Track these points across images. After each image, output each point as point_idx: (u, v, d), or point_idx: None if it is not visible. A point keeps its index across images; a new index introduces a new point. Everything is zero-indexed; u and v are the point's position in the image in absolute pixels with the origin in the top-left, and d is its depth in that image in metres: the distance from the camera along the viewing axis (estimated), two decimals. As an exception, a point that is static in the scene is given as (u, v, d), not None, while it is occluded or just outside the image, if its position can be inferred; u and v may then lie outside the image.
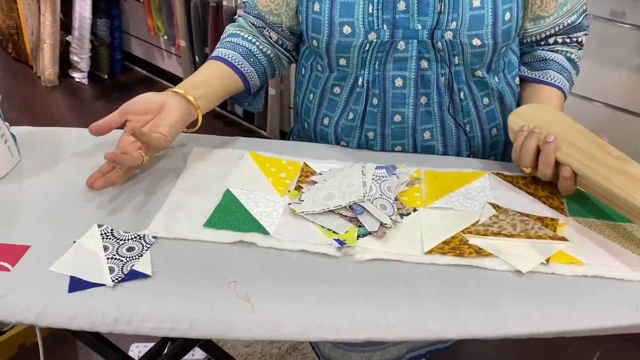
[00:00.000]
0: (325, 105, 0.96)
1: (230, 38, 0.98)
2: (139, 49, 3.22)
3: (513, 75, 0.96)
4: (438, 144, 0.93)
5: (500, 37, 0.85)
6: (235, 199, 0.80)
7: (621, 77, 1.54)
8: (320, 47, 0.89)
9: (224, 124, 2.79)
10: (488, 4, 0.83)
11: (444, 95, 0.89)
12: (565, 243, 0.72)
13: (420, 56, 0.86)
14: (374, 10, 0.84)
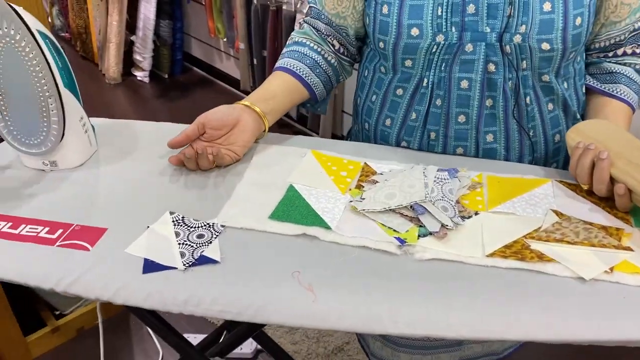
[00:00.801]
0: (387, 107, 0.98)
1: (297, 47, 1.00)
2: (199, 50, 3.32)
3: (582, 84, 0.96)
4: (500, 147, 0.93)
5: (570, 43, 0.85)
6: (298, 194, 0.82)
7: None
8: (387, 49, 0.90)
9: (278, 125, 2.82)
10: (559, 8, 0.83)
11: (509, 100, 0.89)
12: (631, 253, 0.71)
13: (487, 59, 0.87)
14: (442, 13, 0.85)
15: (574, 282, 0.68)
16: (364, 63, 1.03)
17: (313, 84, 0.99)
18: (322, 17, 0.98)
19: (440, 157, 0.94)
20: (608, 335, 0.62)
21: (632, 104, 0.94)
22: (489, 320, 0.64)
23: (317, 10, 0.98)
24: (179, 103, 3.10)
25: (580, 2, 0.84)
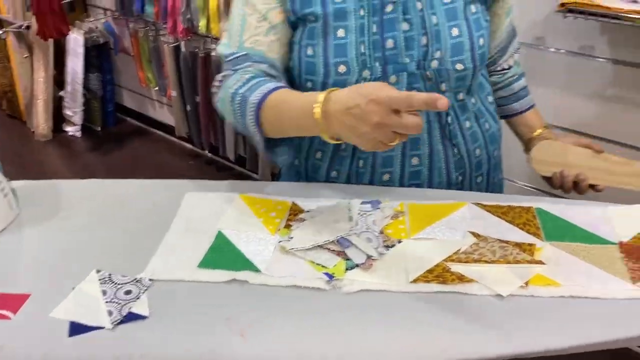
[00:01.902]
0: (317, 140, 1.01)
1: (261, 77, 0.90)
2: (131, 100, 3.30)
3: (486, 94, 1.04)
4: (425, 168, 0.98)
5: (478, 61, 0.93)
6: (227, 240, 0.83)
7: (595, 107, 1.61)
8: (316, 88, 0.93)
9: (217, 169, 2.84)
10: (465, 33, 0.92)
11: (433, 122, 0.95)
12: (543, 266, 0.76)
13: (410, 87, 0.92)
14: (365, 50, 0.90)
15: (493, 300, 0.72)
16: None
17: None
18: (267, 60, 0.93)
19: (365, 190, 0.97)
20: (524, 348, 0.66)
21: (533, 103, 1.15)
22: (417, 345, 0.66)
23: (259, 53, 0.93)
24: (114, 155, 3.05)
25: (480, 25, 0.94)
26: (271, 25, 0.93)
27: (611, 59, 1.53)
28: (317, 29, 0.91)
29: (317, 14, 0.90)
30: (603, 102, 1.59)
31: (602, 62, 1.55)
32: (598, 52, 1.55)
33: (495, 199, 0.92)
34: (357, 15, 0.90)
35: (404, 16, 0.90)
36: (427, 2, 0.90)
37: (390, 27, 0.90)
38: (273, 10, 0.92)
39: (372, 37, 0.90)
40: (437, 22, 0.90)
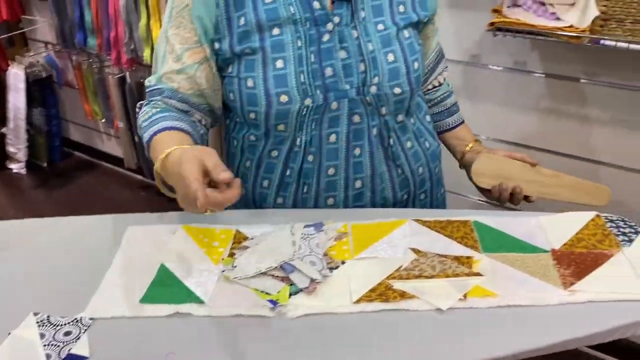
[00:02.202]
0: (263, 169, 1.01)
1: (167, 113, 0.93)
2: (78, 133, 3.23)
3: (423, 114, 1.08)
4: (367, 190, 1.00)
5: (414, 84, 0.97)
6: (170, 273, 0.82)
7: (531, 119, 1.67)
8: (259, 119, 0.94)
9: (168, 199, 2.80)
10: (400, 58, 0.95)
11: (374, 145, 0.97)
12: (480, 278, 0.78)
13: (351, 112, 0.95)
14: (305, 79, 0.92)
15: (434, 314, 0.74)
16: (230, 135, 1.06)
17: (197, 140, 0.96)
18: (178, 96, 0.97)
19: (308, 213, 0.98)
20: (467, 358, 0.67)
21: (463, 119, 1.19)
22: (360, 365, 0.67)
23: (170, 90, 0.97)
24: (62, 191, 2.97)
25: (414, 50, 0.97)
26: (185, 65, 0.95)
27: (543, 73, 1.60)
28: (256, 61, 0.92)
29: (255, 48, 0.92)
30: (538, 114, 1.66)
31: (535, 77, 1.62)
32: (530, 67, 1.62)
33: (435, 214, 0.94)
34: (295, 46, 0.92)
35: (341, 45, 0.93)
36: (363, 30, 0.93)
37: (328, 56, 0.92)
38: (189, 51, 0.94)
39: (311, 67, 0.92)
40: (373, 49, 0.93)
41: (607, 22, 1.24)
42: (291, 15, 0.91)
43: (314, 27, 0.92)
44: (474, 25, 1.62)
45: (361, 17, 0.94)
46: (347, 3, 0.93)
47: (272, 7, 0.91)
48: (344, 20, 0.93)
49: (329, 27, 0.92)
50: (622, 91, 1.48)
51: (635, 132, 1.51)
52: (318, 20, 0.92)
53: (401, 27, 0.96)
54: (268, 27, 0.91)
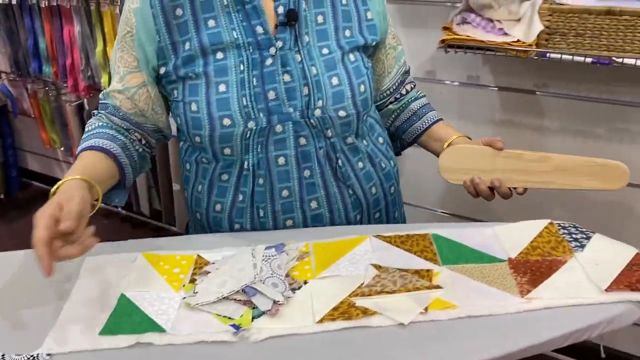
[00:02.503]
0: (215, 193, 1.01)
1: (104, 130, 0.99)
2: (36, 163, 3.15)
3: (376, 136, 1.08)
4: (325, 211, 1.00)
5: (360, 107, 0.98)
6: (130, 302, 0.81)
7: (487, 131, 1.72)
8: (204, 142, 0.95)
9: (132, 226, 2.76)
10: (345, 81, 0.96)
11: (324, 166, 0.98)
12: (440, 290, 0.80)
13: (297, 135, 0.95)
14: (248, 102, 0.93)
15: (396, 329, 0.75)
16: (183, 158, 1.06)
17: (124, 166, 0.99)
18: (119, 114, 1.01)
19: (270, 235, 0.98)
20: (429, 372, 0.68)
21: (439, 117, 1.15)
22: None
23: (114, 107, 1.01)
24: (21, 223, 2.88)
25: (360, 73, 0.98)
26: (126, 87, 0.99)
27: (496, 86, 1.65)
28: (199, 86, 0.93)
29: (198, 72, 0.93)
30: (493, 126, 1.70)
31: (489, 90, 1.66)
32: (483, 81, 1.67)
33: (395, 229, 0.96)
34: (238, 70, 0.93)
35: (284, 68, 0.94)
36: (306, 54, 0.95)
37: (271, 80, 0.93)
38: (130, 74, 0.98)
39: (254, 90, 0.93)
40: (317, 73, 0.94)
41: (551, 36, 1.29)
42: (234, 39, 0.93)
43: (257, 51, 0.93)
44: (426, 42, 1.66)
45: (305, 42, 0.95)
46: (290, 28, 0.94)
47: (215, 31, 0.93)
48: (287, 45, 0.94)
49: (272, 52, 0.93)
50: (570, 101, 1.54)
51: (585, 140, 1.57)
52: (261, 44, 0.93)
53: (347, 51, 0.97)
54: (212, 52, 0.93)
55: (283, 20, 0.94)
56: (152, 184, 2.53)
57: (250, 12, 0.93)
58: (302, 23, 0.95)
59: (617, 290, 0.78)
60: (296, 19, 0.94)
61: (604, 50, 1.25)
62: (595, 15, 1.22)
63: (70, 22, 2.33)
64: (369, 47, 1.02)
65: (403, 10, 1.67)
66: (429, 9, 1.62)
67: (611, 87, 1.46)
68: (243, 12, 0.94)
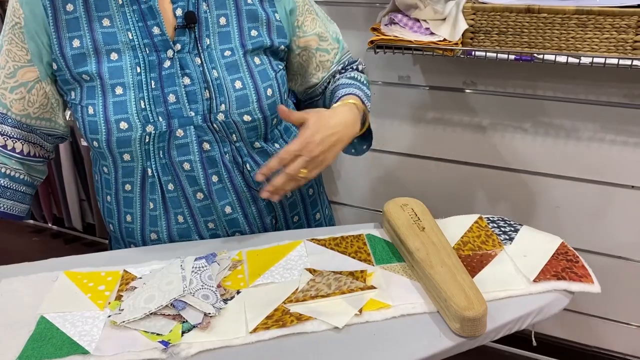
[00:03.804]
0: (122, 204, 0.98)
1: None
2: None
3: (293, 137, 1.04)
4: (240, 215, 0.98)
5: (267, 111, 0.94)
6: (50, 325, 0.76)
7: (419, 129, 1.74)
8: (102, 147, 0.91)
9: (65, 241, 2.63)
10: (249, 85, 0.92)
11: (232, 170, 0.95)
12: (374, 291, 0.79)
13: (200, 139, 0.92)
14: (146, 105, 0.89)
15: (331, 334, 0.73)
16: (93, 169, 1.02)
17: (8, 209, 0.97)
18: (8, 121, 0.94)
19: (200, 245, 0.95)
20: (365, 375, 0.67)
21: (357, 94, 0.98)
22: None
23: (2, 114, 0.93)
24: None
25: (267, 76, 0.94)
26: (19, 84, 0.92)
27: (426, 85, 1.67)
28: (95, 88, 0.89)
29: (92, 73, 0.88)
30: (426, 125, 1.73)
31: (420, 89, 1.69)
32: (414, 81, 1.69)
33: (331, 232, 0.95)
34: (134, 72, 0.89)
35: (183, 71, 0.90)
36: (207, 57, 0.91)
37: (170, 82, 0.90)
38: (22, 69, 0.91)
39: (152, 93, 0.89)
40: (218, 76, 0.91)
41: (475, 34, 1.32)
42: (129, 40, 0.89)
43: (154, 52, 0.90)
44: (357, 43, 1.67)
45: (205, 45, 0.91)
46: (189, 30, 0.90)
47: (109, 31, 0.89)
48: (187, 48, 0.91)
49: (169, 54, 0.90)
50: (498, 97, 1.58)
51: (514, 135, 1.61)
52: (158, 46, 0.90)
53: (251, 53, 0.94)
54: (105, 52, 0.89)
55: (181, 23, 0.90)
56: (84, 197, 2.43)
57: (146, 13, 0.89)
58: (202, 25, 0.91)
59: (544, 280, 0.80)
60: (195, 22, 0.90)
61: (526, 47, 1.29)
62: (516, 13, 1.26)
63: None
64: (278, 50, 0.98)
65: (332, 11, 1.67)
66: (358, 10, 1.63)
67: (534, 82, 1.51)
68: (139, 12, 0.89)
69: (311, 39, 1.02)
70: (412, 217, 0.90)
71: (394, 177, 1.84)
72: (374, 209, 1.90)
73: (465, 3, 1.31)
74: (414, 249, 0.83)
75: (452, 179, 1.74)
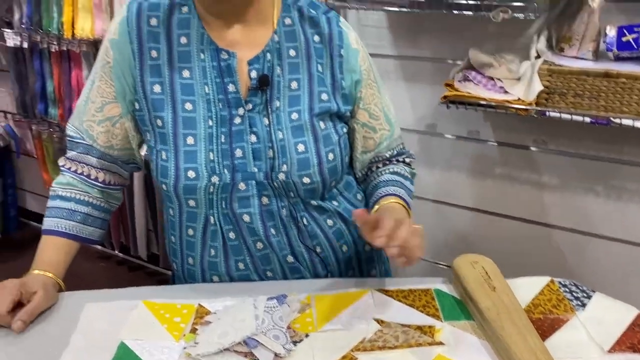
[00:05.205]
0: (185, 246, 1.02)
1: (63, 203, 1.02)
2: (35, 203, 3.16)
3: (354, 194, 1.06)
4: (301, 266, 1.00)
5: (327, 175, 0.96)
6: (130, 351, 0.80)
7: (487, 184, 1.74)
8: (170, 190, 0.96)
9: (129, 269, 2.73)
10: (312, 149, 0.95)
11: (288, 225, 0.98)
12: (442, 347, 0.79)
13: (260, 194, 0.95)
14: (214, 157, 0.93)
15: (398, 386, 0.74)
16: (162, 207, 1.08)
17: (88, 234, 1.04)
18: (93, 152, 1.01)
19: (271, 285, 0.98)
20: None
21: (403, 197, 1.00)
22: None
23: (86, 145, 1.00)
24: (16, 263, 2.85)
25: (330, 141, 0.97)
26: (105, 118, 0.98)
27: (496, 141, 1.68)
28: (167, 136, 0.94)
29: (166, 120, 0.94)
30: (493, 180, 1.73)
31: (489, 144, 1.69)
32: (483, 136, 1.70)
33: (398, 283, 0.96)
34: (206, 125, 0.93)
35: (251, 129, 0.94)
36: (275, 119, 0.94)
37: (239, 138, 0.94)
38: (108, 105, 0.97)
39: (221, 146, 0.93)
40: (283, 138, 0.94)
41: (550, 95, 1.32)
42: (206, 93, 0.94)
43: (226, 108, 0.94)
44: (428, 96, 1.71)
45: (275, 106, 0.95)
46: (262, 92, 0.94)
47: (188, 82, 0.94)
48: (257, 108, 0.94)
49: (240, 112, 0.94)
50: (569, 158, 1.56)
51: (584, 197, 1.58)
52: (231, 102, 0.94)
53: (317, 116, 0.96)
54: (181, 101, 0.94)
55: (255, 85, 0.94)
56: (151, 228, 2.53)
57: (224, 70, 0.93)
58: (274, 88, 0.95)
59: (620, 351, 0.78)
60: (268, 84, 0.94)
61: (602, 110, 1.29)
62: (593, 77, 1.26)
63: (78, 67, 2.39)
64: (343, 115, 1.00)
65: (406, 65, 1.72)
66: (432, 65, 1.67)
67: (609, 145, 1.49)
68: (218, 68, 0.94)
69: (364, 113, 1.04)
70: (483, 275, 0.90)
71: (459, 231, 1.83)
72: (439, 262, 1.89)
73: (541, 65, 1.32)
74: (485, 308, 0.82)
75: (520, 237, 1.71)
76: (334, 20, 0.99)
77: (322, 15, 0.99)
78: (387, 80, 1.74)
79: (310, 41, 0.97)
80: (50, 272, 0.95)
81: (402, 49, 1.70)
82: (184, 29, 0.95)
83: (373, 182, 1.07)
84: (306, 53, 0.97)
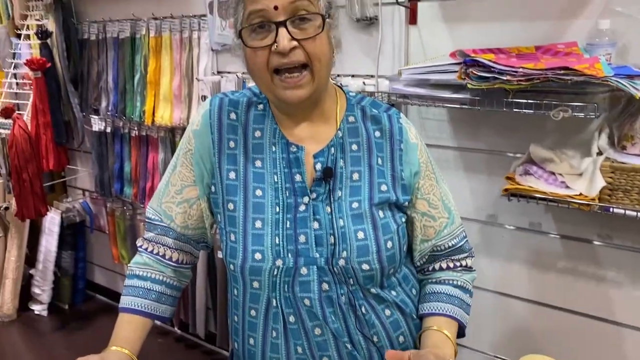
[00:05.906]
0: (247, 327, 1.05)
1: (139, 282, 1.09)
2: (101, 276, 3.30)
3: (410, 287, 1.09)
4: (359, 355, 1.01)
5: (385, 262, 0.99)
6: None
7: (550, 278, 1.71)
8: (236, 270, 1.01)
9: (186, 347, 2.77)
10: (371, 236, 0.99)
11: (347, 312, 1.00)
12: None
13: (321, 280, 0.99)
14: (280, 242, 0.99)
15: None
16: (228, 287, 1.13)
17: (162, 312, 1.10)
18: (170, 233, 1.08)
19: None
20: None
21: (453, 315, 1.06)
22: None
23: (164, 227, 1.08)
24: (80, 334, 2.96)
25: (389, 229, 1.01)
26: (183, 200, 1.07)
27: (558, 234, 1.67)
28: (237, 219, 1.00)
29: (238, 204, 1.01)
30: (556, 274, 1.70)
31: (551, 237, 1.68)
32: (545, 228, 1.69)
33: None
34: (274, 211, 1.00)
35: (314, 216, 0.99)
36: (336, 207, 0.99)
37: (303, 225, 0.99)
38: (187, 188, 1.06)
39: (286, 232, 0.99)
40: (344, 225, 0.98)
41: (614, 191, 1.33)
42: (274, 182, 1.01)
43: (292, 196, 1.00)
44: (489, 187, 1.73)
45: (337, 196, 1.00)
46: (325, 182, 1.00)
47: (260, 171, 1.02)
48: (320, 197, 1.00)
49: (305, 200, 1.00)
50: (635, 254, 1.53)
51: (655, 295, 1.53)
52: (297, 191, 1.00)
53: (376, 206, 1.00)
54: (252, 188, 1.01)
55: (319, 176, 1.00)
56: (210, 306, 2.59)
57: (293, 162, 1.01)
58: (337, 179, 1.01)
59: None
60: (331, 176, 1.00)
61: (668, 208, 1.28)
62: (658, 174, 1.27)
63: (155, 150, 2.58)
64: (402, 205, 1.04)
65: (466, 156, 1.77)
66: (490, 157, 1.71)
67: (678, 243, 1.46)
68: (287, 160, 1.01)
69: (424, 202, 1.07)
70: None
71: (520, 323, 1.79)
72: (498, 355, 1.84)
73: (602, 161, 1.34)
74: None
75: (585, 334, 1.65)
76: (395, 116, 1.07)
77: (384, 113, 1.07)
78: (446, 170, 1.79)
79: (372, 136, 1.05)
80: (127, 349, 1.00)
81: (462, 141, 1.76)
82: (259, 124, 1.04)
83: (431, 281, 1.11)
84: (367, 147, 1.04)
